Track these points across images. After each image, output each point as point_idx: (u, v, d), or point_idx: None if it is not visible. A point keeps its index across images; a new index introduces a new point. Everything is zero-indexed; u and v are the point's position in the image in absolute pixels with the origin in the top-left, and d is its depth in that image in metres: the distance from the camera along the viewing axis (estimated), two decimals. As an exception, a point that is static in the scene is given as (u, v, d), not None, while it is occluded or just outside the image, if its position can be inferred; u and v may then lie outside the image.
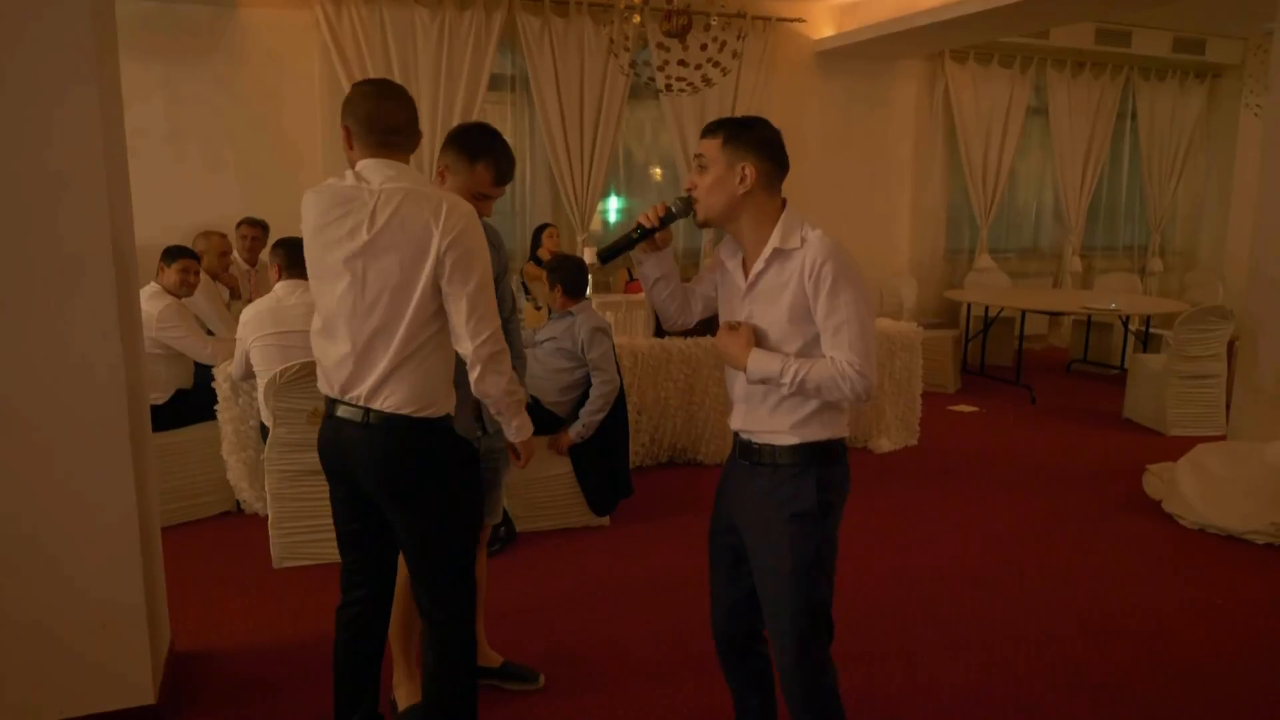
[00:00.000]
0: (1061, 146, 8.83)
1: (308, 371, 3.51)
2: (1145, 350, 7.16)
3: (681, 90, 5.79)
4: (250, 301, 4.30)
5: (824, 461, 1.98)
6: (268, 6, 6.22)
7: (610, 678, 2.91)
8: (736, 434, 2.09)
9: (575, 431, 4.01)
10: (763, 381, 1.95)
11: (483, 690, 2.59)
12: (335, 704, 2.33)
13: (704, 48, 5.56)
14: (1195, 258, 9.91)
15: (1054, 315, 8.68)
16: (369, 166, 2.08)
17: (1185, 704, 2.79)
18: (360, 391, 2.06)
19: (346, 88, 6.21)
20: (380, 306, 2.03)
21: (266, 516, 3.76)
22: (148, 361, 3.18)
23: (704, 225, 2.03)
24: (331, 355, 2.10)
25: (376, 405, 2.05)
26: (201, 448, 4.18)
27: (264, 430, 3.78)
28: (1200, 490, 4.28)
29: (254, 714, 2.70)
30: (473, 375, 2.08)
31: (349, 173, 2.11)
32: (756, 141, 1.97)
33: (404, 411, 2.05)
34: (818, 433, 1.97)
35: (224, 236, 5.40)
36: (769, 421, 2.00)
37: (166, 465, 3.93)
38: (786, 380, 1.90)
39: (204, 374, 4.25)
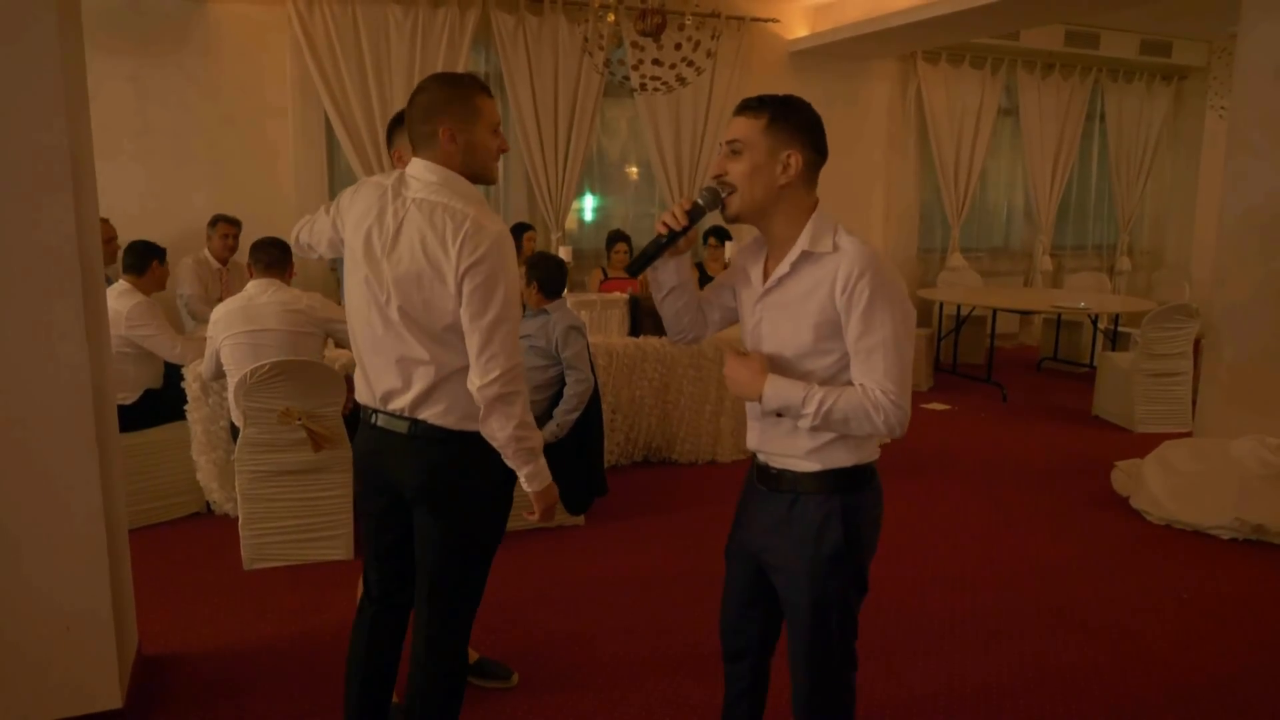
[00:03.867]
0: (1032, 147, 8.92)
1: (279, 371, 3.48)
2: (1114, 348, 7.25)
3: (656, 89, 5.79)
4: (221, 300, 4.25)
5: (850, 489, 1.78)
6: (238, 1, 6.15)
7: (585, 675, 2.91)
8: (754, 456, 1.92)
9: (550, 431, 3.99)
10: (780, 413, 1.74)
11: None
12: (347, 710, 2.24)
13: (678, 47, 5.56)
14: (1162, 257, 10.05)
15: (1025, 314, 8.76)
16: (415, 167, 1.99)
17: (1153, 698, 2.84)
18: (403, 404, 1.99)
19: (319, 84, 6.22)
20: (408, 326, 1.94)
21: (237, 518, 3.73)
22: (116, 361, 3.14)
23: (734, 220, 1.81)
24: (370, 364, 2.03)
25: (421, 416, 1.99)
26: (171, 448, 4.13)
27: (234, 430, 3.74)
28: (1167, 486, 4.34)
29: (223, 717, 2.67)
30: (482, 413, 1.94)
31: (396, 171, 2.04)
32: (803, 125, 1.75)
33: (447, 425, 1.99)
34: (843, 458, 1.76)
35: (106, 222, 4.81)
36: (788, 444, 1.80)
37: (135, 466, 3.89)
38: (809, 410, 1.67)
39: (173, 373, 4.20)
